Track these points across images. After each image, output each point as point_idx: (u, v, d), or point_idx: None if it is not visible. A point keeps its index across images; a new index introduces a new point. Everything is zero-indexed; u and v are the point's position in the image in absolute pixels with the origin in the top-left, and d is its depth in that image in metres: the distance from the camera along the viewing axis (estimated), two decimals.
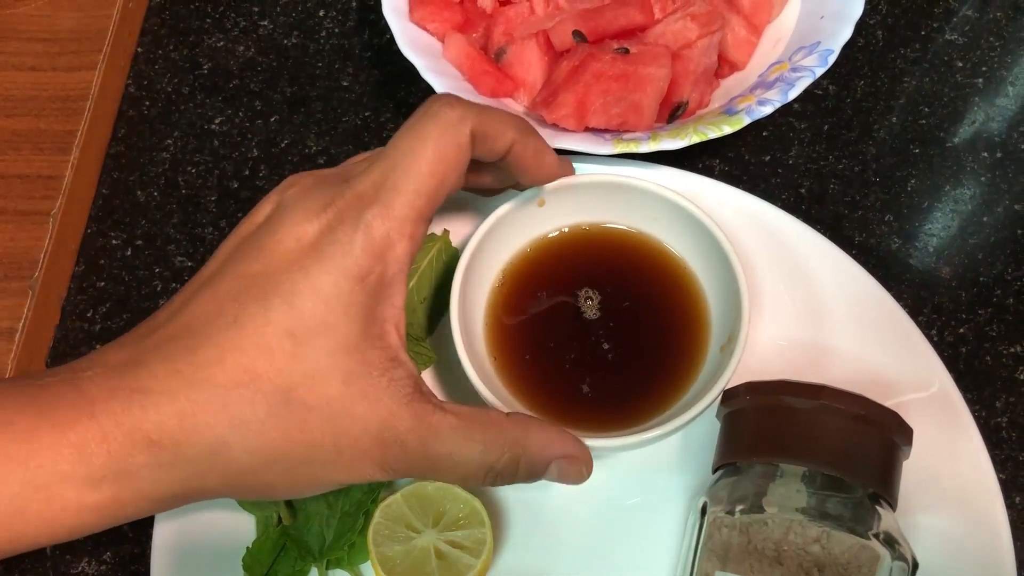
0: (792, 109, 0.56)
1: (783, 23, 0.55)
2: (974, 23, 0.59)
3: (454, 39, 0.53)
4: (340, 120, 0.58)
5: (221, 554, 0.46)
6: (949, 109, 0.56)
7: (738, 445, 0.41)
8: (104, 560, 0.48)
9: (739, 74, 0.54)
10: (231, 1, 0.63)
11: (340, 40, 0.61)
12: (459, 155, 0.37)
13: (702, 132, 0.48)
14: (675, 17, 0.51)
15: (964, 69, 0.57)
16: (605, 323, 0.47)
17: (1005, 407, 0.48)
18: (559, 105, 0.49)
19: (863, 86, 0.57)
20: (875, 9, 0.59)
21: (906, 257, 0.52)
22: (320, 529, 0.46)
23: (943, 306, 0.51)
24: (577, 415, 0.45)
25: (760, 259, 0.49)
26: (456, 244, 0.50)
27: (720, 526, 0.39)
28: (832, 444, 0.38)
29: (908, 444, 0.39)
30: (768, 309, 0.48)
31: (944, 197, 0.54)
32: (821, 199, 0.54)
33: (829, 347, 0.47)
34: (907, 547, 0.37)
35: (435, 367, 0.49)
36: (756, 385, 0.41)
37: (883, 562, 0.36)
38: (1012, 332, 0.50)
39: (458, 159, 0.37)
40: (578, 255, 0.49)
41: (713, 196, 0.50)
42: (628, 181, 0.47)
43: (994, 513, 0.43)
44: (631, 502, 0.46)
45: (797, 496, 0.38)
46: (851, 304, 0.48)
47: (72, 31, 0.59)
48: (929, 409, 0.44)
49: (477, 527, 0.44)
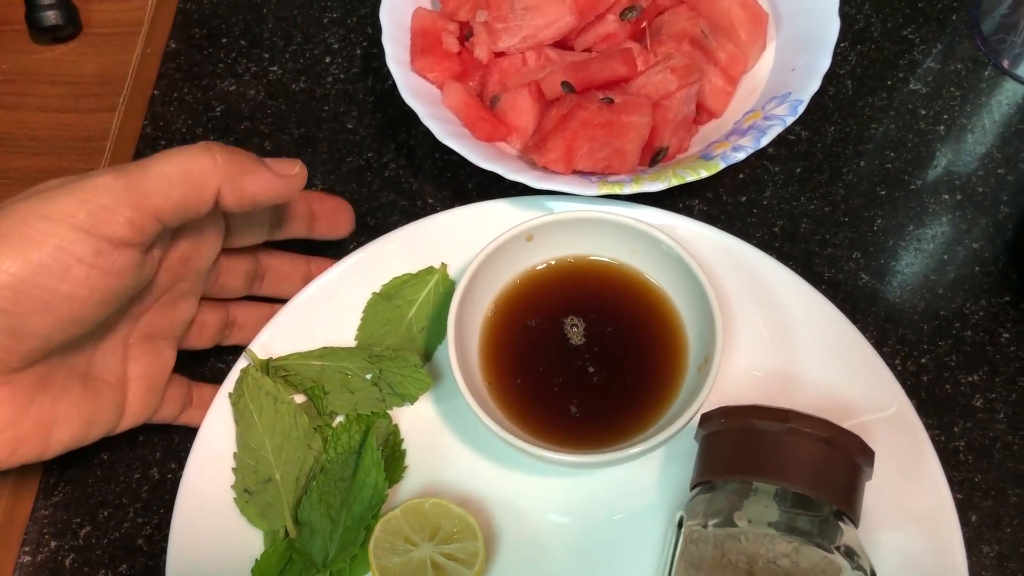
0: (767, 153, 0.60)
1: (758, 74, 0.58)
2: (936, 74, 0.62)
3: (452, 87, 0.56)
4: (344, 160, 0.62)
5: (231, 566, 0.48)
6: (913, 154, 0.60)
7: (713, 464, 0.44)
8: (120, 572, 0.50)
9: (716, 121, 0.57)
10: (242, 48, 0.66)
11: (345, 86, 0.64)
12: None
13: (680, 175, 0.51)
14: (656, 70, 0.54)
15: (927, 117, 0.61)
16: (590, 348, 0.50)
17: (963, 432, 0.51)
18: (549, 149, 0.52)
19: (833, 132, 0.61)
20: (845, 60, 0.63)
21: (872, 292, 0.55)
22: (324, 543, 0.48)
23: (906, 338, 0.54)
24: (566, 434, 0.48)
25: (735, 293, 0.52)
26: (453, 276, 0.54)
27: (696, 539, 0.42)
28: (800, 464, 0.41)
29: (870, 465, 0.42)
30: (742, 340, 0.51)
31: (908, 236, 0.57)
32: (793, 237, 0.57)
33: (798, 374, 0.50)
34: (866, 559, 0.40)
35: (433, 392, 0.52)
36: (730, 409, 0.44)
37: (844, 573, 0.39)
38: (970, 362, 0.53)
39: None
40: (564, 286, 0.52)
41: (692, 234, 0.53)
42: (609, 217, 0.50)
43: (950, 531, 0.46)
44: (616, 518, 0.49)
45: (768, 512, 0.41)
46: (818, 334, 0.51)
47: (94, 75, 0.62)
48: (890, 433, 0.47)
49: (470, 540, 0.47)
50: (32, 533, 0.52)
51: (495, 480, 0.50)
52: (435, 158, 0.61)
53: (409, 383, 0.51)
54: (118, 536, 0.51)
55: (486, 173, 0.54)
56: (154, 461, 0.53)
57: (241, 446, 0.50)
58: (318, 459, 0.50)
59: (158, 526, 0.51)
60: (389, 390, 0.51)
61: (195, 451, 0.50)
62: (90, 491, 0.52)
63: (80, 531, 0.52)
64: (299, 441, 0.50)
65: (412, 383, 0.51)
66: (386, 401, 0.51)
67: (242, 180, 0.42)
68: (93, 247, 0.39)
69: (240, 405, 0.50)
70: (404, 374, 0.51)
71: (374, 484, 0.48)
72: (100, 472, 0.52)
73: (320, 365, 0.52)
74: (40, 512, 0.52)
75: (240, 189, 0.42)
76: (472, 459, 0.51)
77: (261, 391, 0.50)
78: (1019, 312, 0.54)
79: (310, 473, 0.50)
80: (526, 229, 0.50)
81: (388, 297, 0.54)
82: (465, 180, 0.60)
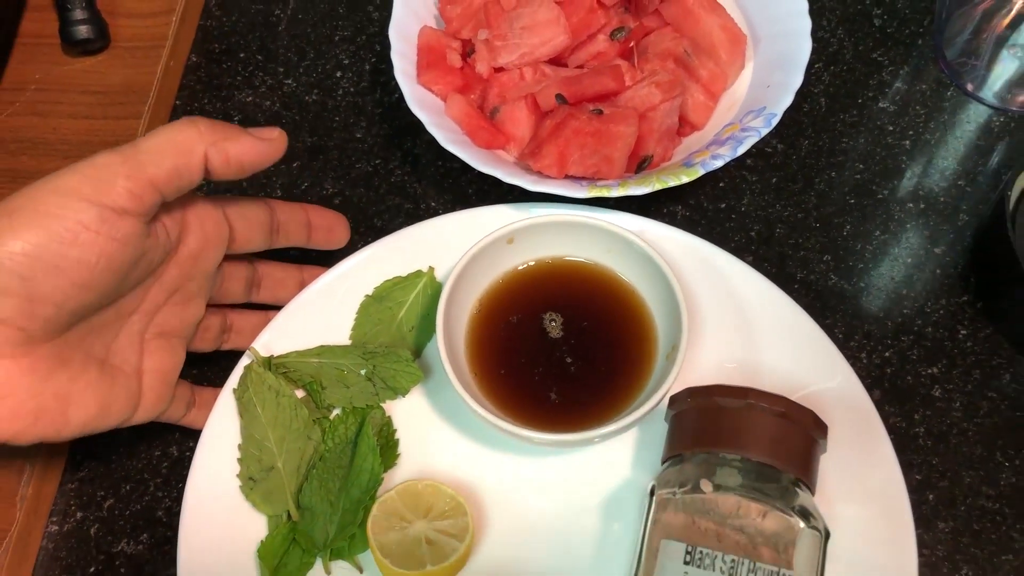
0: (745, 164, 0.63)
1: (737, 91, 0.62)
2: (903, 94, 0.66)
3: (455, 99, 0.60)
4: (354, 166, 0.65)
5: (239, 548, 0.51)
6: (881, 167, 0.63)
7: (682, 439, 0.48)
8: (141, 541, 0.54)
9: (698, 133, 0.61)
10: (259, 62, 0.70)
11: (355, 98, 0.68)
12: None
13: (663, 180, 0.55)
14: (642, 84, 0.58)
15: (894, 133, 0.64)
16: (568, 341, 0.54)
17: (922, 419, 0.55)
18: (543, 156, 0.56)
19: (807, 145, 0.64)
20: (819, 79, 0.67)
21: (841, 292, 0.59)
22: (324, 524, 0.51)
23: (872, 333, 0.58)
24: (547, 419, 0.51)
25: (702, 289, 0.55)
26: (440, 278, 0.57)
27: (666, 506, 0.45)
28: (759, 436, 0.45)
29: (823, 438, 0.46)
30: (710, 334, 0.55)
31: (875, 241, 0.61)
32: (768, 241, 0.61)
33: (761, 363, 0.54)
34: (821, 521, 0.44)
35: (424, 384, 0.55)
36: (695, 390, 0.48)
37: (803, 532, 0.43)
38: (930, 356, 0.57)
39: None
40: (543, 284, 0.56)
41: (662, 237, 0.56)
42: (585, 220, 0.54)
43: (901, 504, 0.49)
44: (594, 496, 0.52)
45: (732, 479, 0.44)
46: (777, 326, 0.54)
47: (121, 85, 0.66)
48: (845, 414, 0.51)
49: (460, 517, 0.50)
50: (59, 505, 0.55)
51: (482, 463, 0.53)
52: (437, 166, 0.65)
53: (401, 377, 0.54)
54: (139, 508, 0.55)
55: (484, 179, 0.58)
56: (173, 440, 0.56)
57: (246, 437, 0.53)
58: (317, 449, 0.53)
59: (176, 499, 0.54)
60: (382, 384, 0.54)
61: (202, 443, 0.53)
62: (113, 467, 0.56)
63: (104, 503, 0.55)
64: (300, 432, 0.52)
65: (404, 377, 0.54)
66: (380, 395, 0.54)
67: (226, 145, 0.46)
68: (98, 215, 0.42)
69: (244, 399, 0.53)
70: (396, 369, 0.54)
71: (371, 469, 0.51)
72: (123, 449, 0.56)
73: (317, 362, 0.55)
74: (67, 486, 0.55)
75: (225, 153, 0.46)
76: (461, 445, 0.54)
77: (264, 386, 0.53)
78: (975, 311, 0.58)
79: (310, 462, 0.52)
80: (508, 232, 0.53)
81: (380, 299, 0.57)
82: (465, 186, 0.64)
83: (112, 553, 0.54)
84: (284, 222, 0.55)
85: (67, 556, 0.53)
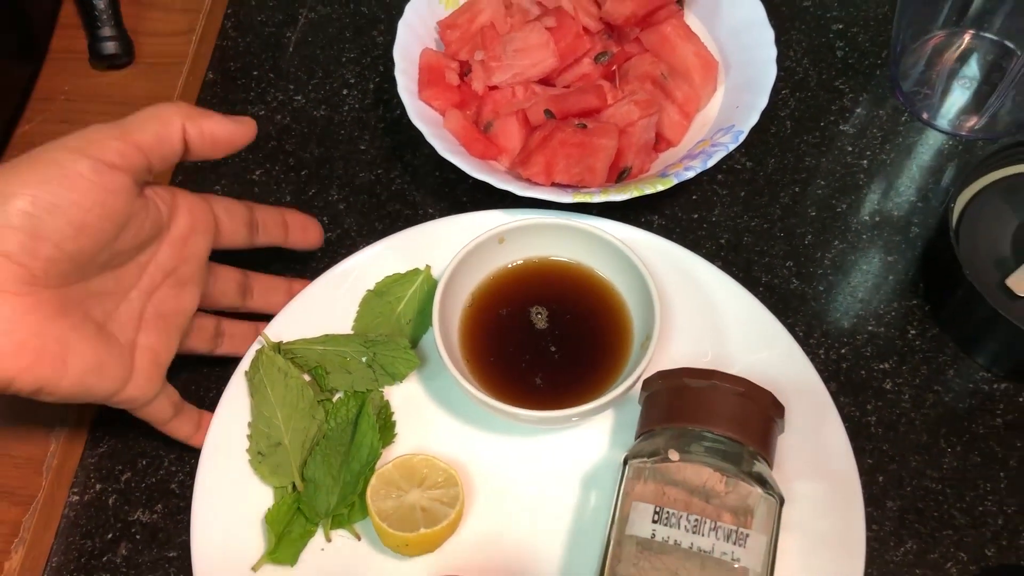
0: (716, 179, 0.68)
1: (709, 111, 0.67)
2: (863, 118, 0.71)
3: (452, 114, 0.64)
4: (357, 176, 0.70)
5: (247, 515, 0.54)
6: (840, 183, 0.68)
7: (653, 416, 0.52)
8: (156, 510, 0.57)
9: (674, 149, 0.65)
10: (271, 80, 0.74)
11: (360, 113, 0.72)
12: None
13: (640, 188, 0.60)
14: (623, 102, 0.63)
15: (853, 153, 0.69)
16: (552, 332, 0.58)
17: (874, 409, 0.60)
18: (532, 164, 0.60)
19: (773, 163, 0.69)
20: (785, 104, 0.71)
21: (802, 294, 0.64)
22: (326, 496, 0.54)
23: (829, 332, 0.62)
24: (533, 401, 0.55)
25: (676, 290, 0.60)
26: (436, 276, 0.61)
27: (638, 474, 0.50)
28: (722, 413, 0.49)
29: (781, 417, 0.51)
30: (681, 329, 0.59)
31: (833, 250, 0.65)
32: (737, 248, 0.66)
33: (727, 355, 0.58)
34: (776, 487, 0.49)
35: (418, 373, 0.59)
36: (665, 372, 0.52)
37: (761, 499, 0.48)
38: (882, 353, 0.61)
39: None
40: (531, 280, 0.60)
41: (638, 242, 0.60)
42: (569, 223, 0.58)
43: (852, 482, 0.54)
44: (575, 471, 0.56)
45: (697, 450, 0.49)
46: (742, 323, 0.59)
47: (144, 97, 0.70)
48: (803, 401, 0.55)
49: (452, 487, 0.54)
50: (80, 477, 0.58)
51: (473, 441, 0.57)
52: (435, 176, 0.69)
53: (399, 364, 0.57)
54: (154, 481, 0.58)
55: (478, 189, 0.63)
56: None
57: (255, 415, 0.56)
58: (321, 428, 0.56)
59: (188, 474, 0.58)
60: (382, 370, 0.57)
61: (216, 420, 0.56)
62: (131, 443, 0.59)
63: (121, 476, 0.58)
64: (305, 411, 0.56)
65: (401, 364, 0.57)
66: (379, 380, 0.57)
67: (201, 119, 0.51)
68: (91, 165, 0.46)
69: (255, 380, 0.57)
70: (395, 356, 0.57)
71: (370, 444, 0.55)
72: (140, 426, 0.58)
73: (322, 349, 0.58)
74: (88, 460, 0.59)
75: (199, 126, 0.50)
76: (453, 426, 0.58)
77: (274, 367, 0.56)
78: (924, 313, 0.63)
79: (314, 439, 0.56)
80: (499, 232, 0.58)
81: (380, 294, 0.60)
82: (461, 194, 0.68)
83: (129, 521, 0.57)
84: (263, 220, 0.58)
85: (87, 523, 0.57)
